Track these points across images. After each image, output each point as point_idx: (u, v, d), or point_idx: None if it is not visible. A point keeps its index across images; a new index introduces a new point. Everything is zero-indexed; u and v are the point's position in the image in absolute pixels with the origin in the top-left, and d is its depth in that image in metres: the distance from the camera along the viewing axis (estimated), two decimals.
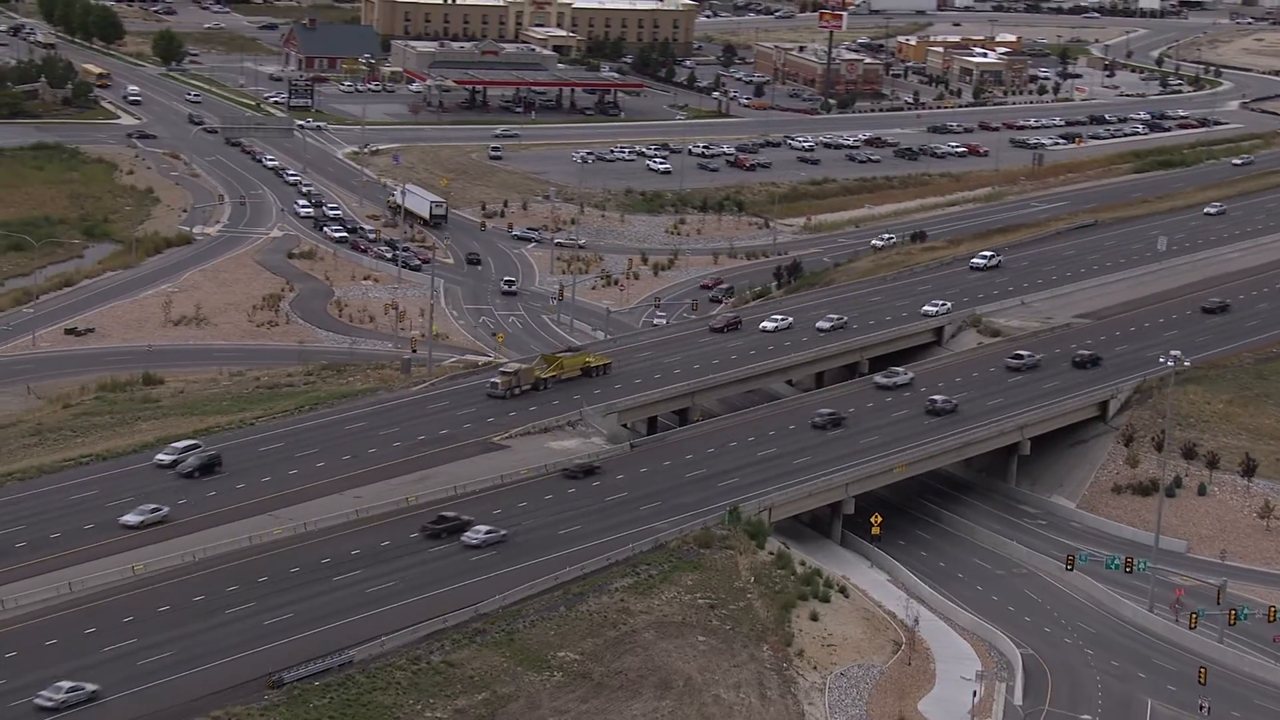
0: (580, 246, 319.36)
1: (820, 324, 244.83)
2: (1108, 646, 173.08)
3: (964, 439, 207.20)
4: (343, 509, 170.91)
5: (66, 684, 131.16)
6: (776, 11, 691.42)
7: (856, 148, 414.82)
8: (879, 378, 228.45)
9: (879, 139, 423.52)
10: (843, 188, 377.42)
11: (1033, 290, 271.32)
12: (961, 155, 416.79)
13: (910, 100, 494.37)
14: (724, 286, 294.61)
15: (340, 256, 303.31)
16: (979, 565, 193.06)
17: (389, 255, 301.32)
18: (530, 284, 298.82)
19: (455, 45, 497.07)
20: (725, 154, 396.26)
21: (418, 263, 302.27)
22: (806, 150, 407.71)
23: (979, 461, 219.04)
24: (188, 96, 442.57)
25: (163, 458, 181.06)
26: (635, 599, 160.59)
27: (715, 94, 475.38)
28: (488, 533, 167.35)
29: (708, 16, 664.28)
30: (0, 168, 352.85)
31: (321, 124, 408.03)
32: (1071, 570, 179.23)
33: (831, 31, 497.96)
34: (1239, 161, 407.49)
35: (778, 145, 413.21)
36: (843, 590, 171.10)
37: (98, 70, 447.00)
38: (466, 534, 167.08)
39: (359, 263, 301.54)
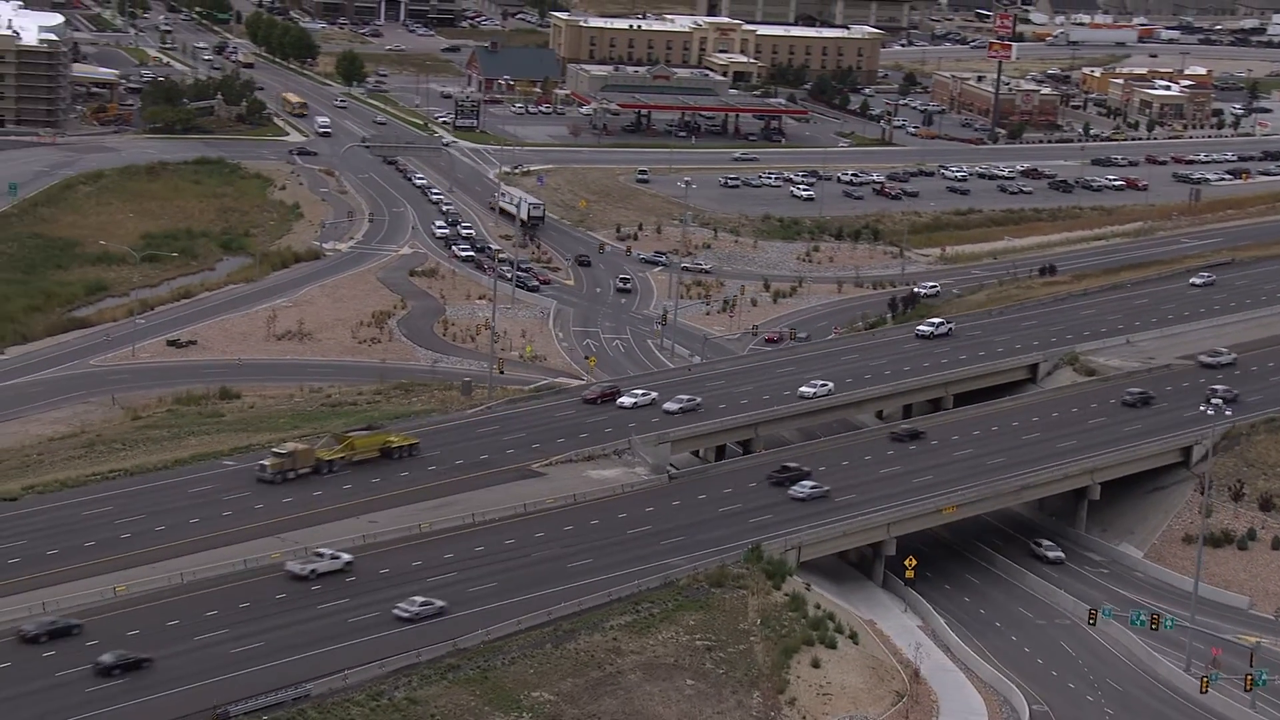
0: (705, 271, 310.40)
1: (668, 405, 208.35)
2: (1131, 706, 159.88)
3: (1021, 482, 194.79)
4: (350, 534, 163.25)
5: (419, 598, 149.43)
6: (972, 41, 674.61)
7: (1011, 179, 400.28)
8: (1204, 356, 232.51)
9: (1035, 170, 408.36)
10: (988, 219, 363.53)
11: (1143, 328, 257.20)
12: (1119, 189, 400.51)
13: (1080, 132, 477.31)
14: (803, 335, 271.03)
15: (460, 275, 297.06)
16: (1021, 614, 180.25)
17: (508, 275, 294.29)
18: (645, 307, 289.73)
19: (630, 70, 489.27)
20: (874, 182, 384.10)
21: (535, 283, 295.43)
22: (958, 180, 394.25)
23: (1052, 504, 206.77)
24: (334, 102, 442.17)
25: None
26: (630, 638, 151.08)
27: (881, 122, 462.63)
28: (812, 488, 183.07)
29: (902, 45, 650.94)
30: (160, 181, 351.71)
31: (449, 142, 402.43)
32: (1094, 624, 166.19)
33: (1000, 61, 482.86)
34: None
35: (930, 175, 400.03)
36: (853, 636, 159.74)
37: (296, 99, 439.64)
38: (793, 488, 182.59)
39: (478, 281, 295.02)
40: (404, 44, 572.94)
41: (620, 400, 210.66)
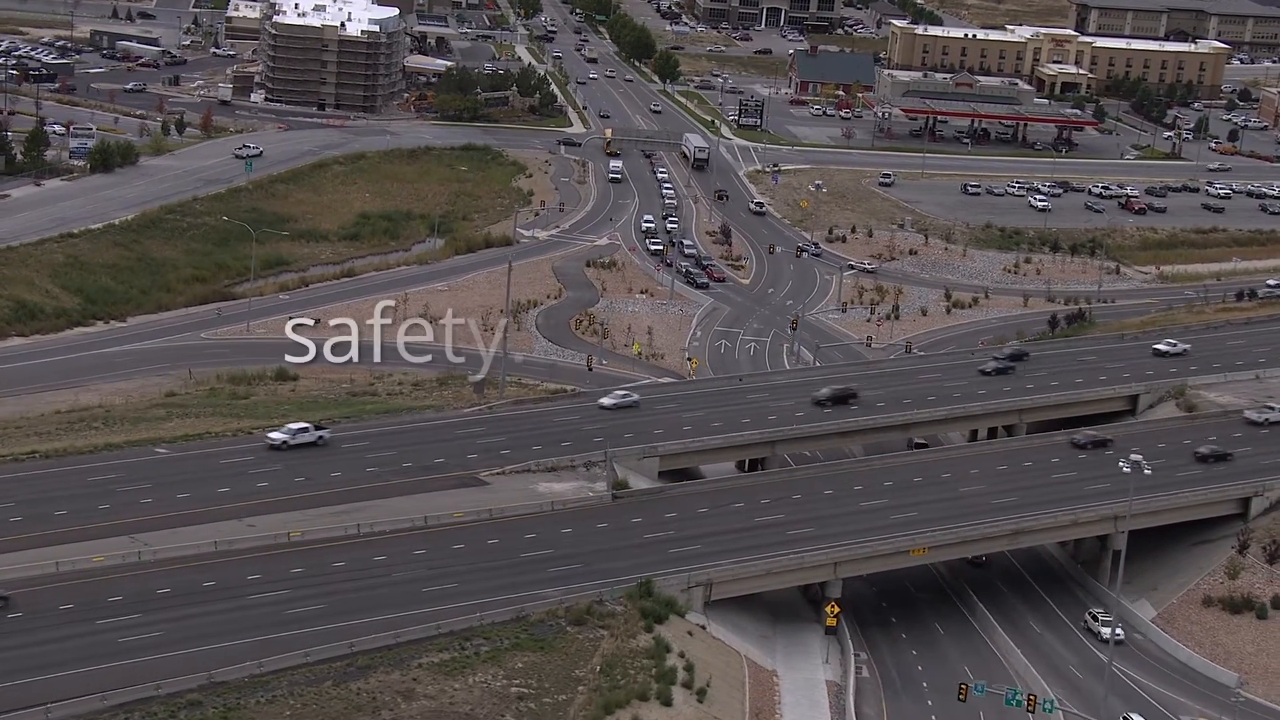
0: (870, 272, 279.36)
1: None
2: None
3: (1017, 525, 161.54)
4: (208, 539, 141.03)
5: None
6: None
7: (1279, 198, 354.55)
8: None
9: None
10: (1231, 238, 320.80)
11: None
12: None
13: None
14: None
15: (636, 269, 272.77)
16: (964, 676, 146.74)
17: (682, 271, 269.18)
18: (812, 309, 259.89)
19: (937, 76, 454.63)
20: (1121, 195, 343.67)
21: (705, 280, 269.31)
22: (1219, 197, 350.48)
23: (1087, 551, 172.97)
24: (650, 106, 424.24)
25: None
26: (433, 679, 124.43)
27: (1169, 135, 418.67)
28: None
29: (1274, 62, 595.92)
30: (417, 164, 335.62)
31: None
32: (963, 701, 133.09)
33: None
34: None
35: (1195, 190, 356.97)
36: (701, 693, 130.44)
37: (609, 135, 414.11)
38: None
39: (650, 276, 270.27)
40: (714, 45, 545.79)
41: None
